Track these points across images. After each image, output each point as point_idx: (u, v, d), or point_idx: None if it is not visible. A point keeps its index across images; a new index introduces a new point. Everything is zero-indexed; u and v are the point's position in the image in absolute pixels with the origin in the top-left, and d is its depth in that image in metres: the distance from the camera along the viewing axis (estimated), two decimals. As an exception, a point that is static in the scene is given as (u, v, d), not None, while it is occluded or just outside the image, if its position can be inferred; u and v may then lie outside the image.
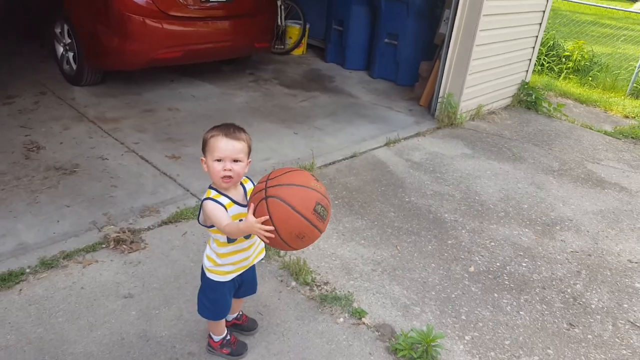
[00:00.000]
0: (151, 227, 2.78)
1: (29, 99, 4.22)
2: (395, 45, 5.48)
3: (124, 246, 2.58)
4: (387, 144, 4.08)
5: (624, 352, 2.28)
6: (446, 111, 4.50)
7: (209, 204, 1.69)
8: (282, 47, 6.37)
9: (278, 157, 3.66)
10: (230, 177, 1.68)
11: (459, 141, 4.33)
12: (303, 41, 6.43)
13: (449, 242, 2.95)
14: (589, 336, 2.35)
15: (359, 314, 2.31)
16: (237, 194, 1.76)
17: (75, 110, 4.12)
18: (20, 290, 2.25)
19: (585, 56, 7.26)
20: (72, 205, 2.90)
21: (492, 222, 3.19)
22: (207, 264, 1.86)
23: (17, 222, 2.71)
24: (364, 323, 2.28)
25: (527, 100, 5.25)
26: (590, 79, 6.94)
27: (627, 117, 5.50)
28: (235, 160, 1.67)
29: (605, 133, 4.85)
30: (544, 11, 5.02)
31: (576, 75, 7.08)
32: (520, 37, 4.89)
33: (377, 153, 3.94)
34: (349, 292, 2.44)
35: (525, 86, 5.27)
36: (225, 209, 1.70)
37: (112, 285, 2.33)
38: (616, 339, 2.35)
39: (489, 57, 4.56)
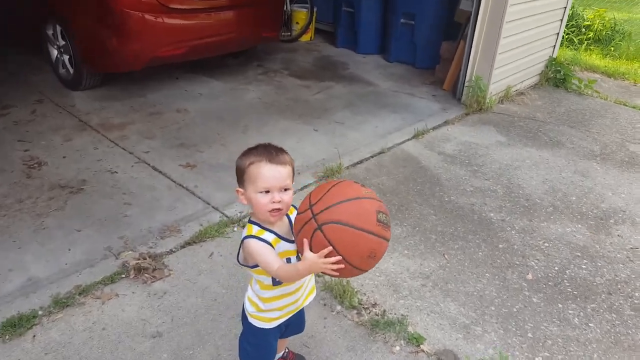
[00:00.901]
0: (174, 249, 2.52)
1: (25, 109, 3.92)
2: (412, 25, 5.13)
3: (146, 275, 2.32)
4: (415, 136, 3.78)
5: None
6: (475, 95, 4.18)
7: (252, 243, 1.41)
8: (289, 34, 6.02)
9: (301, 158, 3.38)
10: (279, 209, 1.40)
11: (491, 127, 4.03)
12: (311, 26, 6.07)
13: (500, 246, 2.68)
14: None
15: (416, 340, 2.06)
16: (283, 226, 1.48)
17: (76, 118, 3.83)
18: (34, 336, 2.00)
19: (607, 25, 6.88)
20: (83, 228, 2.64)
21: (542, 220, 2.91)
22: (249, 308, 1.59)
23: (23, 253, 2.45)
24: (423, 350, 2.03)
25: (555, 77, 4.92)
26: (612, 49, 6.58)
27: (660, 88, 5.18)
28: (284, 189, 1.40)
29: (628, 106, 4.55)
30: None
31: (597, 46, 6.71)
32: (549, 10, 4.54)
33: (406, 147, 3.65)
34: (401, 314, 2.19)
35: (553, 62, 4.93)
36: (272, 247, 1.43)
37: (137, 323, 2.08)
38: (703, 352, 2.10)
39: (519, 33, 4.22)
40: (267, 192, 1.38)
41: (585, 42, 6.70)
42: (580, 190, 3.23)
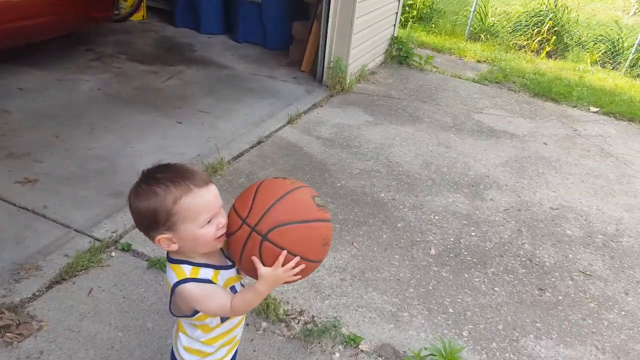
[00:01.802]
0: (37, 293, 1.96)
1: None
2: (259, 4, 4.89)
3: (8, 335, 1.76)
4: (289, 122, 3.63)
5: (592, 305, 2.37)
6: (336, 76, 4.19)
7: (189, 289, 1.12)
8: (117, 12, 5.23)
9: (172, 157, 2.95)
10: (224, 233, 1.15)
11: (357, 108, 4.08)
12: (142, 4, 5.38)
13: (399, 225, 2.72)
14: (560, 297, 2.38)
15: (353, 342, 1.95)
16: (214, 252, 1.20)
17: None
18: None
19: (427, 3, 7.57)
20: None
21: (426, 194, 3.05)
22: (189, 359, 1.28)
23: None
24: (362, 351, 1.94)
25: (398, 55, 5.23)
26: (433, 26, 7.29)
27: (479, 62, 5.89)
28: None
29: (473, 81, 5.11)
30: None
31: (420, 24, 7.37)
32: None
33: (284, 134, 3.47)
34: (332, 317, 2.05)
35: (396, 41, 5.22)
36: (214, 283, 1.16)
37: (11, 406, 1.56)
38: (580, 293, 2.43)
39: (369, 12, 4.32)
40: (209, 220, 1.11)
41: (410, 20, 7.29)
42: (448, 161, 3.48)
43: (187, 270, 1.13)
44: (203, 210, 1.09)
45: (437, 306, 2.22)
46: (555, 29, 6.93)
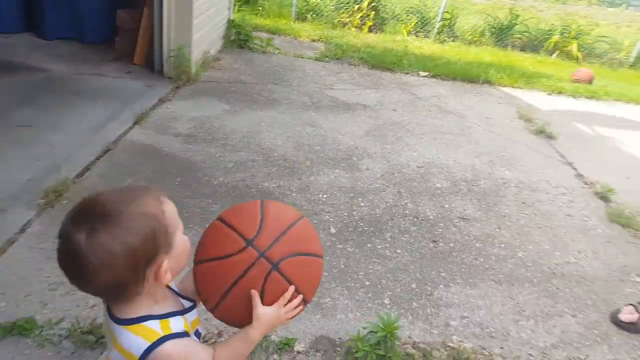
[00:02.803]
0: None
1: None
2: (71, -6, 4.19)
3: None
4: (137, 122, 3.20)
5: (477, 244, 2.58)
6: (180, 66, 3.82)
7: (172, 352, 0.85)
8: None
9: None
10: None
11: (210, 98, 3.80)
12: None
13: (291, 211, 2.61)
14: (451, 244, 2.55)
15: (287, 345, 1.80)
16: (164, 292, 0.94)
17: None
18: None
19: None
20: None
21: (308, 175, 2.98)
22: None
23: None
24: (299, 352, 1.80)
25: (238, 39, 5.03)
26: (260, 9, 7.20)
27: (314, 40, 6.02)
28: None
29: (316, 59, 5.19)
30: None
31: (246, 7, 7.20)
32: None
33: (134, 137, 3.05)
34: (258, 323, 1.86)
35: (233, 25, 5.01)
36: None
37: None
38: (465, 237, 2.63)
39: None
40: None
41: (236, 3, 7.08)
42: (319, 139, 3.46)
43: (156, 327, 0.85)
44: (178, 220, 0.87)
45: (354, 282, 2.18)
46: (373, 4, 7.43)
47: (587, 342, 2.06)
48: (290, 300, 0.91)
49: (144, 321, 0.85)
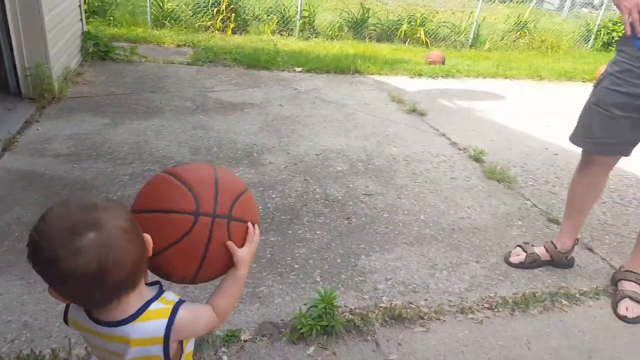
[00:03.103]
0: None
1: None
2: None
3: None
4: (6, 149, 2.83)
5: (385, 215, 2.76)
6: (41, 85, 3.45)
7: (185, 316, 0.91)
8: None
9: None
10: None
11: (84, 114, 3.49)
12: None
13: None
14: (363, 218, 2.69)
15: (234, 337, 1.77)
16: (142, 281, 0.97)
17: None
18: None
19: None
20: None
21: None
22: None
23: None
24: (246, 340, 1.78)
25: (98, 51, 4.67)
26: (112, 19, 6.75)
27: (179, 46, 5.84)
28: None
29: (188, 64, 5.03)
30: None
31: (95, 18, 6.70)
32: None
33: (7, 164, 2.71)
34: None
35: (89, 36, 4.63)
36: None
37: None
38: (374, 210, 2.79)
39: (56, 7, 3.66)
40: None
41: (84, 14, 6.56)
42: (214, 141, 3.38)
43: (160, 305, 0.90)
44: None
45: (284, 268, 2.20)
46: (232, 6, 7.41)
47: (492, 282, 2.32)
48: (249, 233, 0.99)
49: (147, 307, 0.86)
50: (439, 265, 2.39)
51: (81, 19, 4.64)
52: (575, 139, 2.23)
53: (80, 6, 4.59)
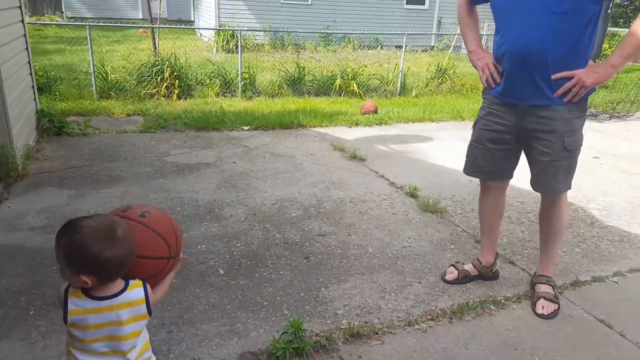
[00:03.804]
0: None
1: None
2: None
3: None
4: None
5: (338, 251, 3.16)
6: (6, 164, 3.66)
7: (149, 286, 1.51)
8: None
9: None
10: None
11: (49, 188, 3.71)
12: None
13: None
14: (320, 256, 3.07)
15: (221, 368, 2.06)
16: None
17: None
18: None
19: (40, 73, 7.12)
20: None
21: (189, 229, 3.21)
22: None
23: None
24: (232, 370, 2.07)
25: (52, 127, 4.90)
26: (57, 94, 6.96)
27: (129, 115, 6.15)
28: None
29: (141, 132, 5.35)
30: (24, 35, 4.64)
31: (41, 94, 6.88)
32: (21, 64, 4.40)
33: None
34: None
35: (43, 113, 4.87)
36: None
37: None
38: (328, 248, 3.18)
39: (15, 90, 3.93)
40: None
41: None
42: (177, 201, 3.69)
43: (135, 281, 1.45)
44: None
45: (255, 306, 2.53)
46: (175, 73, 7.84)
47: (433, 298, 2.74)
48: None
49: (128, 284, 1.42)
50: (387, 288, 2.79)
51: (34, 98, 4.89)
52: (467, 171, 2.78)
53: (33, 86, 4.85)
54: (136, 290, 1.41)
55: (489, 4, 2.47)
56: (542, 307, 2.63)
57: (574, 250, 3.33)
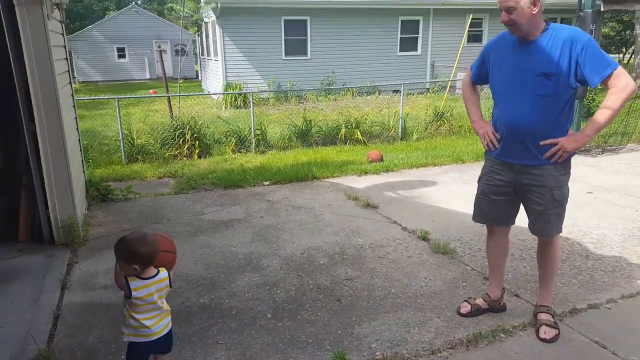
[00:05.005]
0: None
1: None
2: None
3: None
4: (64, 288, 3.60)
5: (364, 293, 3.65)
6: (72, 232, 4.23)
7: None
8: None
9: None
10: None
11: (109, 250, 3.99)
12: None
13: (233, 313, 3.33)
14: (349, 298, 3.56)
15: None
16: None
17: None
18: None
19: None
20: None
21: (230, 283, 3.74)
22: None
23: None
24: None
25: (99, 195, 5.50)
26: (90, 161, 7.61)
27: (160, 178, 6.78)
28: None
29: (175, 193, 5.96)
30: (74, 106, 5.31)
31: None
32: (74, 136, 5.04)
33: (71, 300, 3.43)
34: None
35: (91, 183, 5.48)
36: None
37: None
38: (357, 291, 3.68)
39: (74, 164, 4.54)
40: None
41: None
42: (220, 256, 4.23)
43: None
44: None
45: (301, 343, 3.01)
46: (195, 135, 8.52)
47: (451, 329, 3.21)
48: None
49: (158, 270, 2.37)
50: (411, 323, 3.27)
51: (84, 170, 5.51)
52: (475, 218, 3.33)
53: (82, 160, 5.48)
54: (163, 272, 2.37)
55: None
56: (545, 333, 3.09)
57: (571, 282, 3.80)
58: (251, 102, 9.15)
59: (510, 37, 2.91)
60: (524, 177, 2.96)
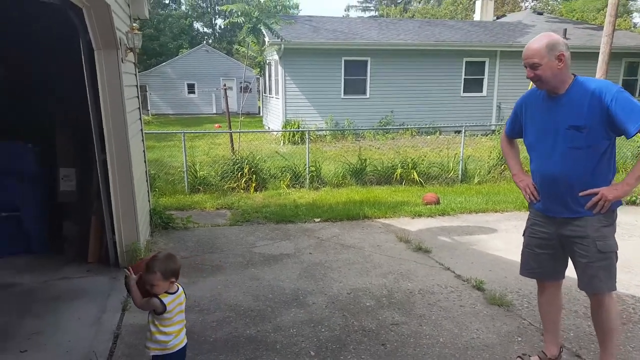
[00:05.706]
0: None
1: None
2: (17, 216, 4.74)
3: None
4: (125, 309, 3.81)
5: (411, 340, 3.56)
6: (135, 257, 4.48)
7: None
8: None
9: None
10: None
11: (164, 276, 4.45)
12: None
13: (277, 347, 3.36)
14: (395, 344, 3.49)
15: None
16: None
17: None
18: None
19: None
20: None
21: (274, 317, 3.79)
22: None
23: None
24: None
25: (161, 223, 5.81)
26: (157, 190, 8.05)
27: (218, 209, 7.05)
28: None
29: (230, 225, 6.18)
30: (142, 138, 5.71)
31: (143, 191, 8.03)
32: (141, 171, 5.40)
33: (130, 321, 3.61)
34: None
35: (154, 212, 5.81)
36: None
37: None
38: (403, 337, 3.59)
39: (141, 195, 4.85)
40: None
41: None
42: (267, 289, 4.31)
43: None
44: None
45: (345, 386, 2.98)
46: (253, 169, 8.81)
47: (502, 385, 3.08)
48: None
49: (177, 286, 2.64)
50: (459, 376, 3.15)
51: (149, 199, 5.85)
52: (522, 272, 3.23)
53: (148, 189, 5.83)
54: (180, 287, 2.63)
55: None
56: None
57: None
58: (307, 140, 9.39)
59: (539, 91, 2.91)
60: (566, 230, 2.88)
